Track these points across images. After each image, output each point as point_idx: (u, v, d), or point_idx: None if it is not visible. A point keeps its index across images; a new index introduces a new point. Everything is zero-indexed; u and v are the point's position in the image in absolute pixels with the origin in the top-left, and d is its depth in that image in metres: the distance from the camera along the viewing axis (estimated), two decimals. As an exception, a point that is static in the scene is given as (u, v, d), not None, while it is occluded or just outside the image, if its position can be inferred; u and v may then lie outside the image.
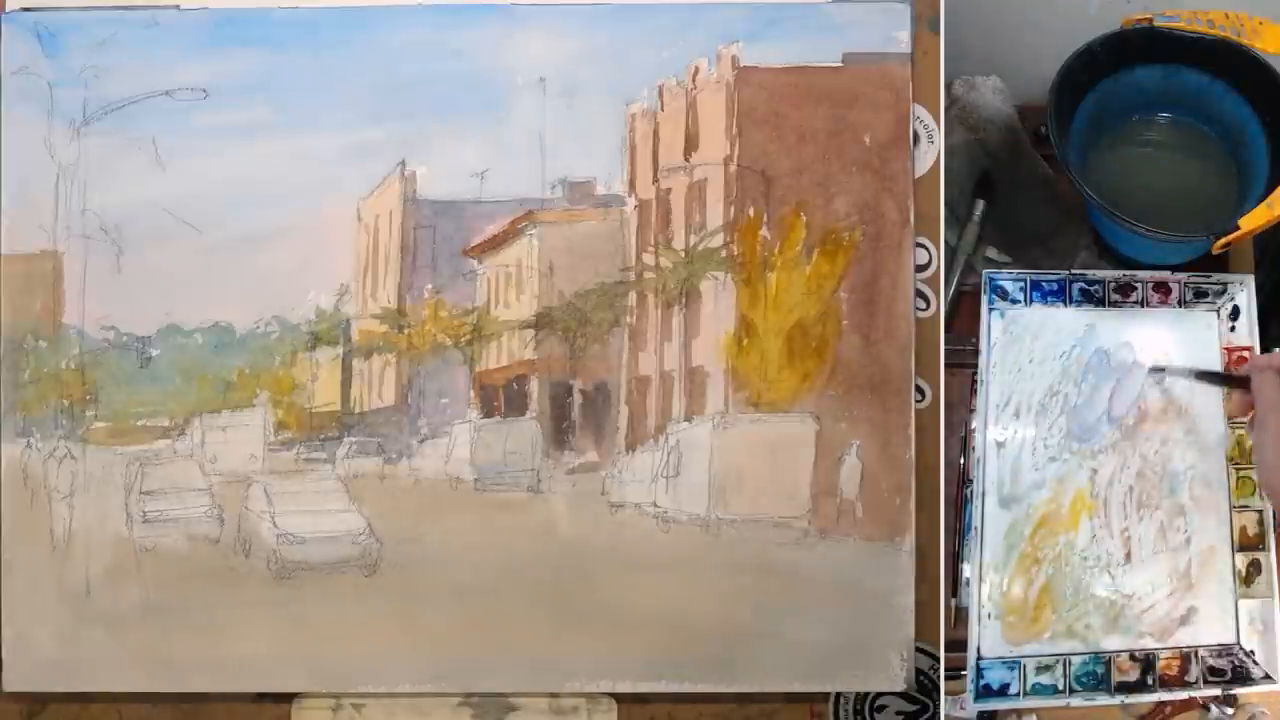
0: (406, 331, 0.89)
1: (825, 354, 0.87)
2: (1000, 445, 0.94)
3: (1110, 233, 1.00)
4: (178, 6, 0.88)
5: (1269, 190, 0.90)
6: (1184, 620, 0.93)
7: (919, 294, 0.88)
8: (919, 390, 0.87)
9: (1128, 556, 0.93)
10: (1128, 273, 0.97)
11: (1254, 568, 0.93)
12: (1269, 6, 0.94)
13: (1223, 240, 0.90)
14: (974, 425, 0.95)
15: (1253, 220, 0.89)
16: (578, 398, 0.88)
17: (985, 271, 0.97)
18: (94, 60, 0.88)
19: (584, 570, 0.86)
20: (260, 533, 0.87)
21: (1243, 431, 0.96)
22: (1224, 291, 0.97)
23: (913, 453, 0.87)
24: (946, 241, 0.92)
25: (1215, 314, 0.97)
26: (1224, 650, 0.92)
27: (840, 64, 0.88)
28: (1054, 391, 0.95)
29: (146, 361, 0.88)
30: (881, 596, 0.85)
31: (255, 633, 0.86)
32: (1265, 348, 0.97)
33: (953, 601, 0.94)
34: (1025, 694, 0.90)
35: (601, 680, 0.86)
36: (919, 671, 0.86)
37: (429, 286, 0.89)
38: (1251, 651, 0.92)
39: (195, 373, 0.88)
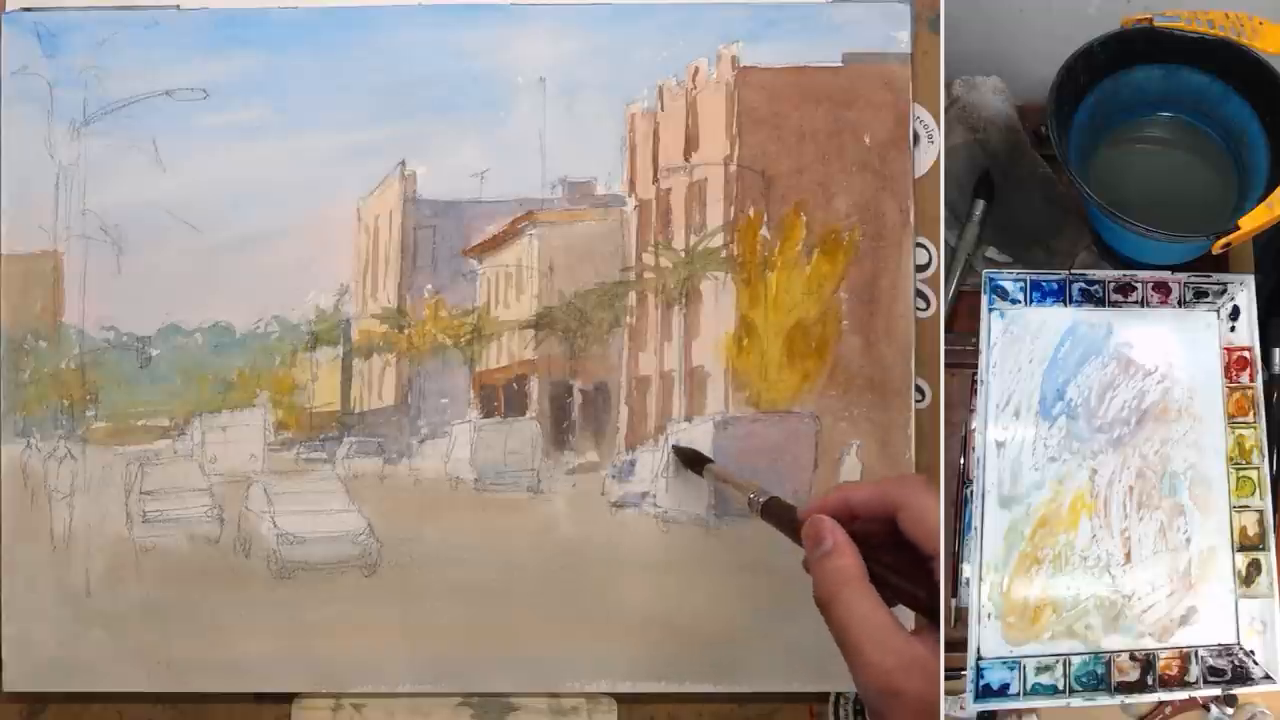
0: (406, 331, 0.89)
1: (825, 354, 0.87)
2: (1000, 445, 0.94)
3: (1110, 233, 1.00)
4: (178, 6, 0.88)
5: (1269, 190, 0.90)
6: (1184, 620, 0.93)
7: (919, 294, 0.88)
8: (919, 390, 0.87)
9: (1128, 556, 0.93)
10: (1128, 273, 0.97)
11: (1254, 568, 0.93)
12: (1269, 6, 0.94)
13: (1223, 240, 0.89)
14: (974, 425, 0.95)
15: (1253, 220, 0.89)
16: (578, 398, 0.88)
17: (985, 271, 0.97)
18: (94, 60, 0.88)
19: (584, 570, 0.86)
20: (260, 533, 0.87)
21: (1243, 432, 0.96)
22: (1224, 291, 0.97)
23: (913, 453, 0.87)
24: (946, 241, 0.92)
25: (1215, 314, 0.97)
26: (1224, 650, 0.92)
27: (840, 64, 0.88)
28: (1054, 391, 0.95)
29: (146, 361, 0.88)
30: (881, 596, 0.85)
31: (255, 633, 0.86)
32: (1265, 348, 0.97)
33: (953, 601, 0.94)
34: (1025, 694, 0.90)
35: (601, 680, 0.86)
36: (919, 671, 0.86)
37: (429, 286, 0.89)
38: (1251, 651, 0.92)
39: (195, 373, 0.88)
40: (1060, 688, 0.90)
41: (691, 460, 0.84)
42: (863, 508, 0.67)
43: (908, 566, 0.65)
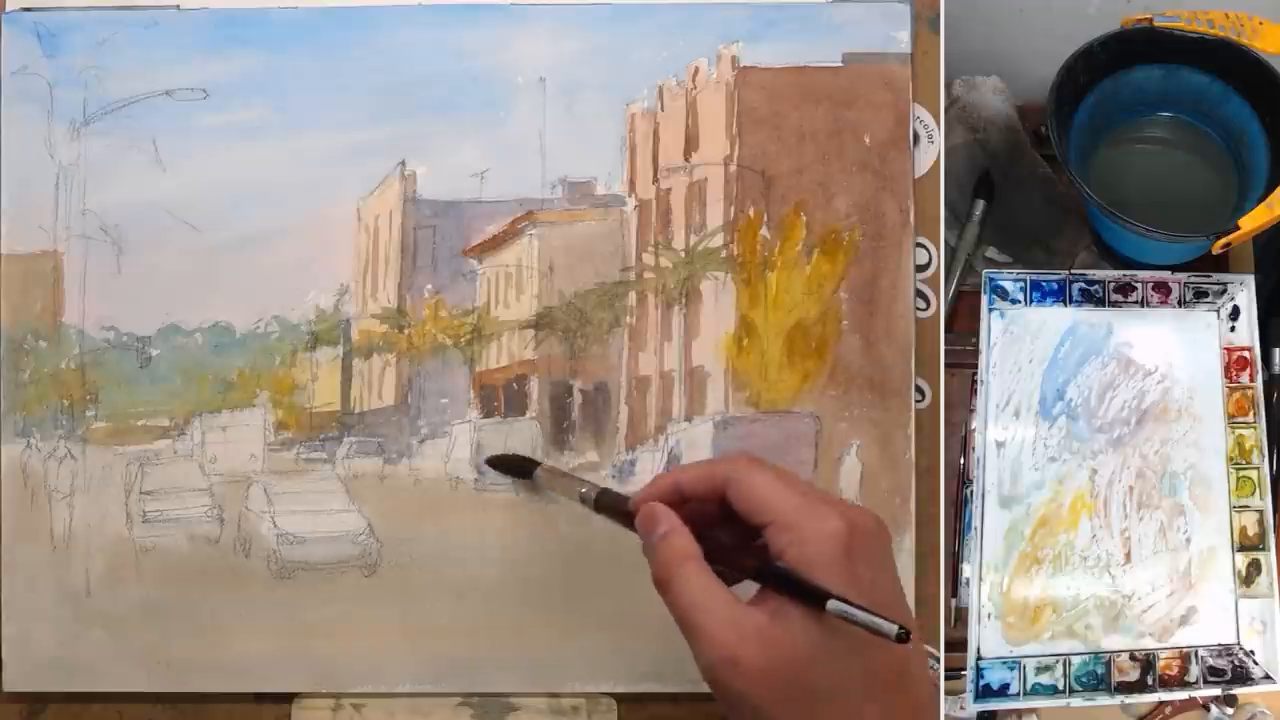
0: (406, 331, 0.89)
1: (825, 354, 0.87)
2: (1000, 445, 0.94)
3: (1110, 233, 1.01)
4: (178, 6, 0.88)
5: (1269, 190, 0.90)
6: (1184, 620, 0.93)
7: (919, 294, 0.88)
8: (919, 390, 0.87)
9: (1128, 556, 0.93)
10: (1128, 273, 0.97)
11: (1254, 568, 0.94)
12: (1269, 6, 0.94)
13: (1223, 240, 0.90)
14: (974, 425, 0.95)
15: (1253, 220, 0.89)
16: (578, 398, 0.88)
17: (985, 271, 0.97)
18: (94, 60, 0.88)
19: (584, 570, 0.86)
20: (260, 533, 0.87)
21: (1243, 432, 0.96)
22: (1224, 291, 0.97)
23: (913, 453, 0.87)
24: (946, 241, 0.92)
25: (1215, 314, 0.97)
26: (1224, 650, 0.92)
27: (840, 64, 0.88)
28: (1055, 391, 0.95)
29: (146, 361, 0.88)
30: (881, 596, 0.85)
31: (255, 633, 0.86)
32: (1265, 348, 0.97)
33: (953, 601, 0.94)
34: (1025, 694, 0.90)
35: (601, 680, 0.86)
36: (919, 671, 0.86)
37: (429, 286, 0.89)
38: (1251, 651, 0.92)
39: (195, 373, 0.88)
40: (1060, 688, 0.91)
41: (515, 468, 0.81)
42: (692, 489, 0.67)
43: (742, 541, 0.66)
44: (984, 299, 0.96)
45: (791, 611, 0.60)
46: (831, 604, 0.59)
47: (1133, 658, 0.91)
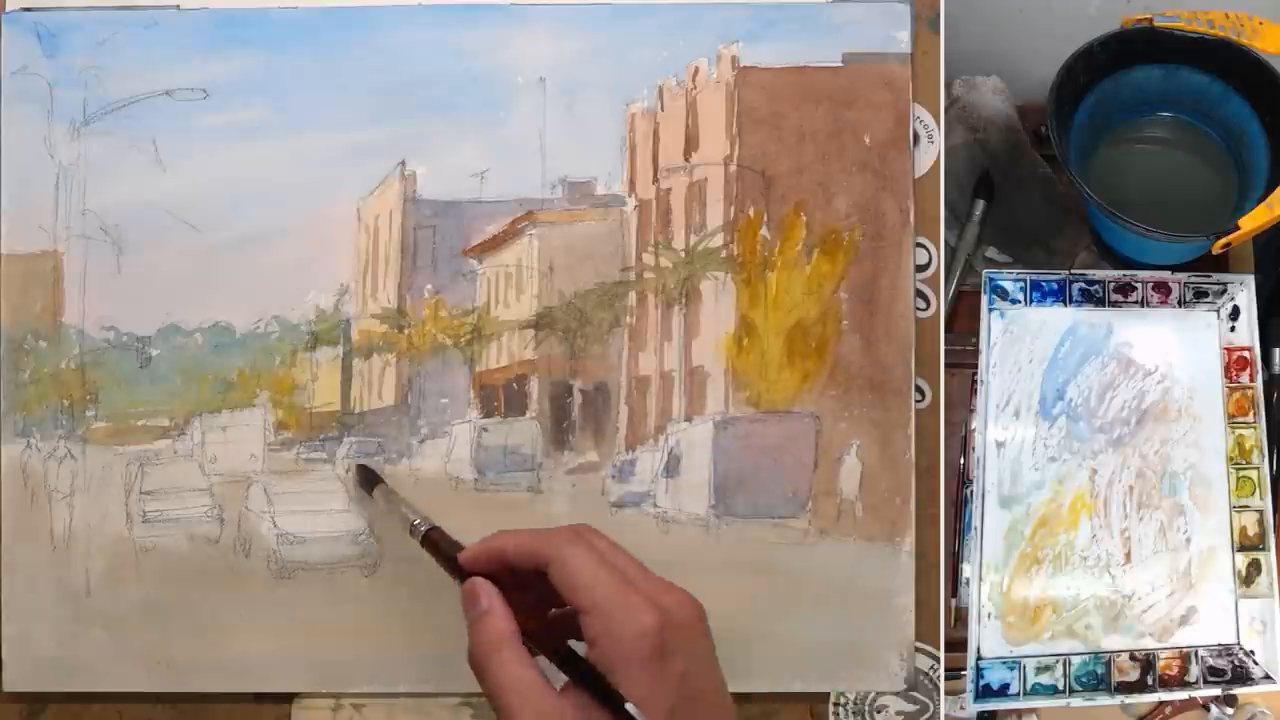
0: (406, 331, 0.89)
1: (825, 354, 0.87)
2: (1000, 445, 0.94)
3: (1110, 233, 1.01)
4: (178, 6, 0.88)
5: (1269, 190, 0.90)
6: (1184, 620, 0.93)
7: (919, 294, 0.88)
8: (919, 390, 0.87)
9: (1128, 556, 0.93)
10: (1128, 273, 0.97)
11: (1254, 568, 0.94)
12: (1269, 6, 0.95)
13: (1223, 240, 0.90)
14: (974, 425, 0.95)
15: (1253, 220, 0.89)
16: (578, 398, 0.88)
17: (985, 271, 0.97)
18: (94, 60, 0.88)
19: (584, 570, 0.86)
20: (260, 533, 0.87)
21: (1243, 432, 0.96)
22: (1224, 291, 0.97)
23: (913, 453, 0.87)
24: (946, 241, 0.92)
25: (1215, 314, 0.97)
26: (1224, 650, 0.92)
27: (840, 64, 0.88)
28: (1054, 391, 0.95)
29: (146, 361, 0.88)
30: (881, 597, 0.85)
31: (255, 633, 0.86)
32: (1265, 348, 0.97)
33: (953, 601, 0.94)
34: (1025, 694, 0.90)
35: (601, 680, 0.86)
36: (919, 671, 0.86)
37: (429, 286, 0.89)
38: (1251, 651, 0.92)
39: (195, 373, 0.88)
40: (1060, 688, 0.91)
41: (367, 480, 0.85)
42: (517, 560, 0.68)
43: (569, 618, 0.66)
44: (984, 299, 0.96)
45: (596, 711, 0.62)
46: (630, 707, 0.60)
47: (1133, 658, 0.91)
